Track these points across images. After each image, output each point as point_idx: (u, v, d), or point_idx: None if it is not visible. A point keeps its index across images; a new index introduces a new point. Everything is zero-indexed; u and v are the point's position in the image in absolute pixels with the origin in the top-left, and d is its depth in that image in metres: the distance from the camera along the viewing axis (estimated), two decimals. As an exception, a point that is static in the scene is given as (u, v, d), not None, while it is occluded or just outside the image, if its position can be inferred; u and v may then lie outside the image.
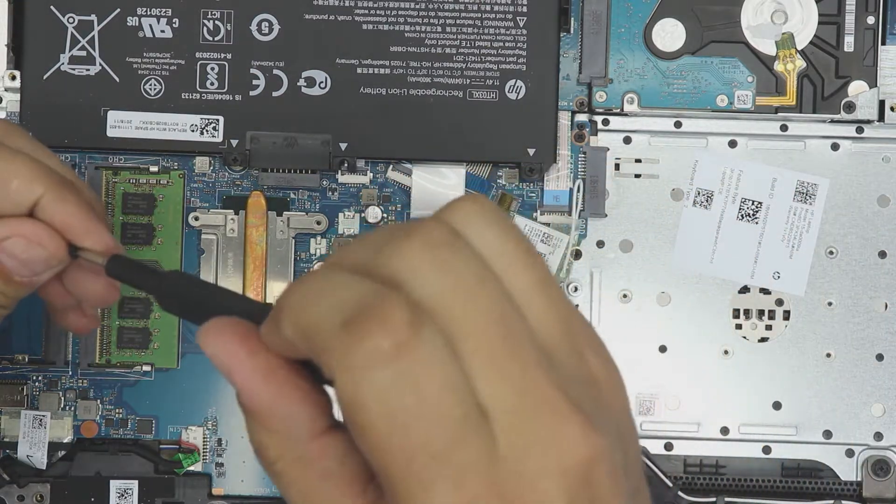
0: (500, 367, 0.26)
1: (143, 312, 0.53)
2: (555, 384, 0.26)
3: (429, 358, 0.25)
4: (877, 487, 0.53)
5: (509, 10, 0.52)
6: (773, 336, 0.54)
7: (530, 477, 0.26)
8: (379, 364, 0.25)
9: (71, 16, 0.52)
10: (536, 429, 0.26)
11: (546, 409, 0.26)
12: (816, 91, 0.54)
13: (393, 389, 0.25)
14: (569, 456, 0.26)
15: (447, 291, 0.26)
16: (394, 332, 0.25)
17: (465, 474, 0.25)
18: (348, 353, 0.25)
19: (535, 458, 0.26)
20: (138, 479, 0.53)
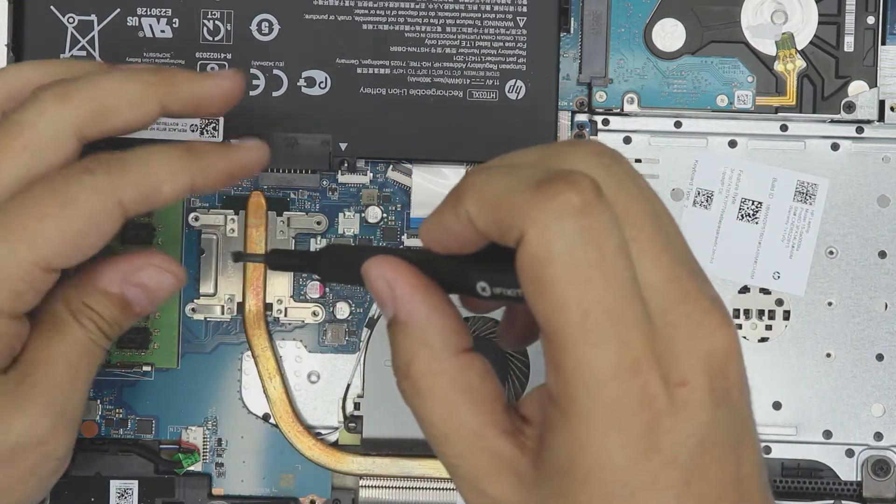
0: (656, 258, 0.29)
1: (143, 312, 0.53)
2: (697, 281, 0.29)
3: (609, 222, 0.28)
4: (877, 487, 0.53)
5: (509, 10, 0.52)
6: (773, 336, 0.54)
7: (680, 351, 0.28)
8: (570, 215, 0.27)
9: (71, 16, 0.52)
10: (686, 313, 0.28)
11: (692, 298, 0.29)
12: (816, 91, 0.54)
13: (580, 240, 0.27)
14: (711, 342, 0.28)
15: (615, 188, 0.29)
16: (583, 192, 0.28)
17: (630, 335, 0.28)
18: (541, 206, 0.28)
19: (683, 337, 0.28)
20: (138, 479, 0.53)
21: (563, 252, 0.27)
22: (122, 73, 0.41)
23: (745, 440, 0.29)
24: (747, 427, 0.29)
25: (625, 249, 0.28)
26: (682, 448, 0.28)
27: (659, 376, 0.28)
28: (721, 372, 0.28)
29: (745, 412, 0.29)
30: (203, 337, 0.54)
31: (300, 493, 0.53)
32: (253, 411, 0.53)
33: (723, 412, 0.28)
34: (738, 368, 0.29)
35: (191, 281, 0.53)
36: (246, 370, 0.53)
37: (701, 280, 0.30)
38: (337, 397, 0.53)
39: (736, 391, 0.29)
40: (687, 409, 0.28)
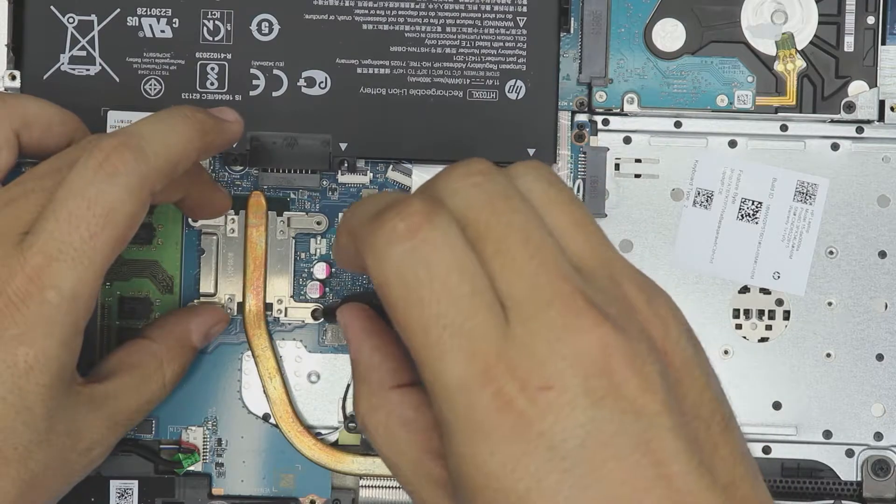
0: (517, 266, 0.29)
1: (143, 312, 0.53)
2: (572, 285, 0.29)
3: (439, 240, 0.29)
4: (877, 487, 0.53)
5: (509, 10, 0.52)
6: (773, 336, 0.54)
7: (543, 356, 0.28)
8: (395, 242, 0.29)
9: (71, 16, 0.52)
10: (548, 316, 0.28)
11: (558, 301, 0.29)
12: (816, 91, 0.54)
13: (407, 262, 0.29)
14: (581, 343, 0.28)
15: (476, 204, 0.30)
16: (408, 217, 0.29)
17: (476, 345, 0.28)
18: (373, 237, 0.30)
19: (547, 342, 0.28)
20: (138, 479, 0.53)
21: (394, 277, 0.29)
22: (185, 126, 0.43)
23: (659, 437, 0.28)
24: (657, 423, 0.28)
25: (466, 264, 0.29)
26: (563, 451, 0.27)
27: (514, 381, 0.28)
28: (600, 371, 0.28)
29: (651, 409, 0.28)
30: (203, 337, 0.54)
31: (300, 493, 0.53)
32: (253, 411, 0.53)
33: (609, 412, 0.28)
34: (629, 363, 0.28)
35: (191, 281, 0.53)
36: (246, 370, 0.53)
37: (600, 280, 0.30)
38: (337, 397, 0.53)
39: (631, 388, 0.28)
40: (555, 412, 0.27)
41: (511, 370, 0.28)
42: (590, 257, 0.31)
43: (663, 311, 0.31)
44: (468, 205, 0.30)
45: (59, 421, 0.41)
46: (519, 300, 0.29)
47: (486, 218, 0.30)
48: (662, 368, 0.29)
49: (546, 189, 0.31)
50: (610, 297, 0.30)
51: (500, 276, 0.29)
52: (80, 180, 0.39)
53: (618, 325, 0.29)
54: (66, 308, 0.39)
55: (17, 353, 0.39)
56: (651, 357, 0.29)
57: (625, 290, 0.30)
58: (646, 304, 0.30)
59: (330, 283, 0.53)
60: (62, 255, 0.38)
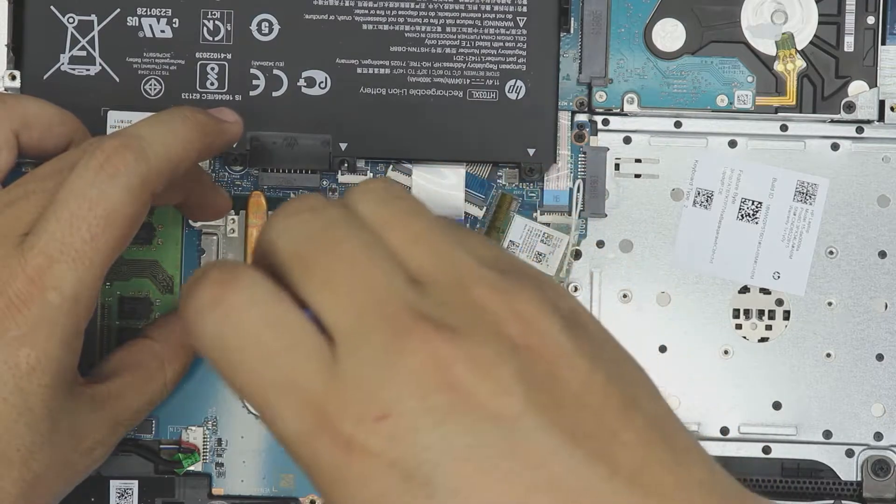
0: (341, 298, 0.28)
1: (143, 312, 0.53)
2: (398, 304, 0.27)
3: (244, 301, 0.28)
4: (877, 487, 0.53)
5: (509, 10, 0.52)
6: (773, 336, 0.54)
7: (372, 386, 0.26)
8: (202, 314, 0.29)
9: (71, 16, 0.52)
10: (374, 342, 0.27)
11: (383, 324, 0.27)
12: (816, 91, 0.54)
13: (216, 333, 0.28)
14: (409, 361, 0.26)
15: (303, 241, 0.29)
16: (209, 286, 0.29)
17: (303, 396, 0.27)
18: (184, 312, 0.29)
19: (374, 368, 0.27)
20: (138, 479, 0.53)
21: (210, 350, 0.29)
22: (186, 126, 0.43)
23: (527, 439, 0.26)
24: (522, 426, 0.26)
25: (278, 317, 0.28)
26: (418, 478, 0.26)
27: (348, 419, 0.26)
28: (440, 386, 0.26)
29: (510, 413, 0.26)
30: (203, 337, 0.54)
31: (300, 493, 0.53)
32: (253, 411, 0.53)
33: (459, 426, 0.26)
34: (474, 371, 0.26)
35: (191, 281, 0.53)
36: (246, 370, 0.53)
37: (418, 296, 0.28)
38: (337, 397, 0.53)
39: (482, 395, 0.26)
40: (399, 439, 0.26)
41: (343, 409, 0.26)
42: (432, 270, 0.29)
43: (523, 307, 0.28)
44: (294, 243, 0.29)
45: (61, 421, 0.41)
46: (344, 333, 0.27)
47: (312, 254, 0.29)
48: (521, 366, 0.27)
49: (378, 209, 0.30)
50: (452, 306, 0.28)
51: (324, 311, 0.28)
52: (81, 181, 0.39)
53: (456, 333, 0.27)
54: (68, 309, 0.39)
55: (19, 354, 0.39)
56: (502, 357, 0.27)
57: (474, 295, 0.28)
58: (501, 304, 0.28)
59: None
60: (63, 255, 0.39)
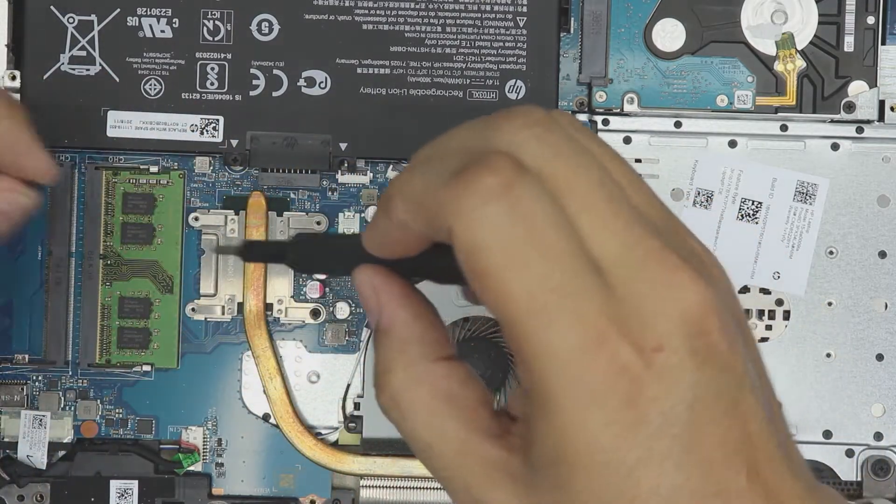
0: (607, 224, 0.27)
1: (143, 312, 0.53)
2: (661, 241, 0.27)
3: (535, 196, 0.26)
4: (877, 487, 0.53)
5: (509, 10, 0.52)
6: (773, 336, 0.54)
7: (649, 316, 0.26)
8: (490, 199, 0.26)
9: (71, 16, 0.52)
10: (650, 276, 0.27)
11: (655, 259, 0.27)
12: (816, 91, 0.54)
13: (506, 221, 0.26)
14: (683, 300, 0.27)
15: (550, 158, 0.27)
16: (501, 173, 0.26)
17: (585, 308, 0.26)
18: (461, 198, 0.27)
19: (651, 301, 0.27)
20: (138, 479, 0.53)
21: (490, 240, 0.26)
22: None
23: (744, 398, 0.27)
24: (744, 383, 0.27)
25: (561, 222, 0.27)
26: (673, 416, 0.26)
27: (629, 344, 0.26)
28: (700, 331, 0.27)
29: (739, 368, 0.27)
30: (203, 337, 0.54)
31: (300, 493, 0.53)
32: (253, 411, 0.53)
33: (709, 372, 0.27)
34: (721, 323, 0.27)
35: (191, 281, 0.53)
36: (246, 370, 0.53)
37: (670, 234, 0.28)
38: (337, 397, 0.53)
39: (723, 347, 0.27)
40: (669, 375, 0.26)
41: (624, 332, 0.26)
42: (654, 211, 0.29)
43: (721, 267, 0.29)
44: (541, 158, 0.27)
45: None
46: (613, 259, 0.27)
47: (563, 173, 0.27)
48: (737, 324, 0.28)
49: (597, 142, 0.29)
50: (687, 252, 0.28)
51: (589, 234, 0.27)
52: None
53: (702, 278, 0.27)
54: None
55: None
56: (730, 312, 0.28)
57: (692, 244, 0.29)
58: (710, 260, 0.29)
59: (330, 283, 0.53)
60: None
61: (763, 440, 0.27)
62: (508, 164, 0.27)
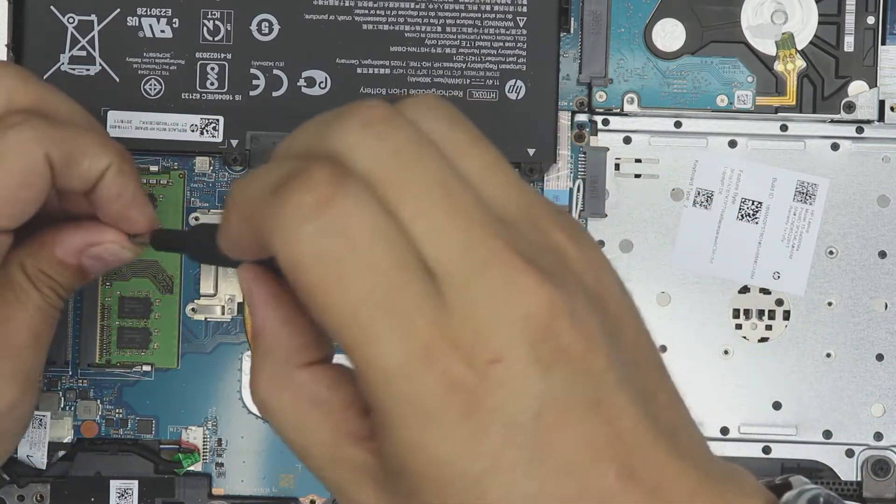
0: (442, 228, 0.26)
1: (142, 312, 0.53)
2: (505, 242, 0.26)
3: (354, 208, 0.25)
4: (877, 487, 0.53)
5: (509, 10, 0.52)
6: (773, 336, 0.54)
7: (484, 326, 0.25)
8: (305, 218, 0.25)
9: (71, 16, 0.52)
10: (486, 281, 0.25)
11: (495, 262, 0.26)
12: (816, 91, 0.54)
13: (322, 240, 0.25)
14: (525, 305, 0.25)
15: (384, 160, 0.26)
16: (316, 188, 0.25)
17: (412, 322, 0.25)
18: (277, 215, 0.25)
19: (487, 309, 0.25)
20: (138, 479, 0.53)
21: (308, 259, 0.25)
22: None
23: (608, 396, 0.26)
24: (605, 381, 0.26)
25: (387, 232, 0.25)
26: (517, 426, 0.25)
27: (460, 359, 0.25)
28: (546, 336, 0.25)
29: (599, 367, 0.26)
30: (203, 337, 0.54)
31: (300, 493, 0.53)
32: (253, 411, 0.53)
33: (560, 377, 0.25)
34: (573, 323, 0.26)
35: (191, 281, 0.53)
36: (246, 370, 0.53)
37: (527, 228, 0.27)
38: (337, 397, 0.53)
39: (577, 349, 0.26)
40: (510, 385, 0.25)
41: (454, 346, 0.25)
42: (511, 205, 0.27)
43: (593, 255, 0.28)
44: (375, 161, 0.26)
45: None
46: (450, 265, 0.25)
47: (398, 175, 0.26)
48: (602, 320, 0.27)
49: (449, 130, 0.28)
50: (540, 249, 0.27)
51: (424, 241, 0.25)
52: None
53: (556, 280, 0.26)
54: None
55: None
56: (590, 310, 0.26)
57: (554, 239, 0.27)
58: (577, 252, 0.27)
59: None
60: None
61: (638, 436, 0.26)
62: (327, 175, 0.25)
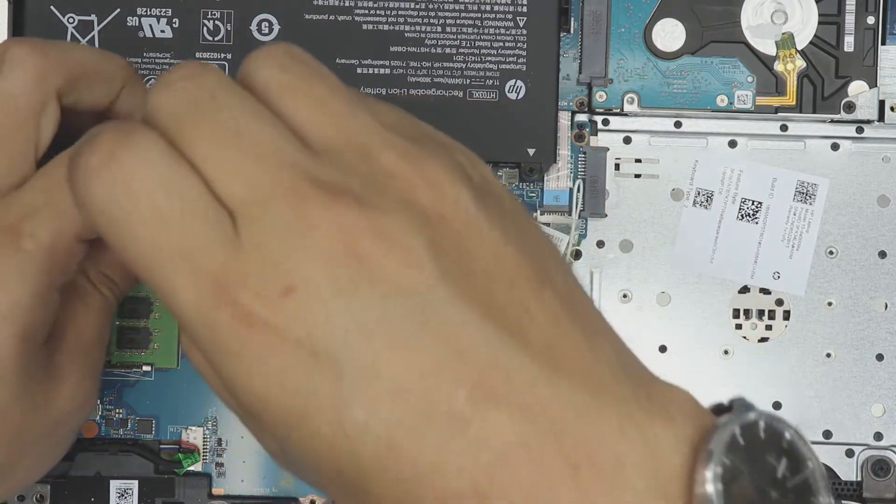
0: (231, 167, 0.27)
1: (143, 312, 0.53)
2: (294, 172, 0.26)
3: (137, 164, 0.27)
4: (877, 487, 0.53)
5: (509, 10, 0.52)
6: (773, 336, 0.54)
7: (275, 258, 0.26)
8: (91, 180, 0.27)
9: (71, 16, 0.52)
10: (274, 213, 0.26)
11: (281, 192, 0.26)
12: (816, 91, 0.54)
13: (109, 197, 0.27)
14: (316, 233, 0.25)
15: (179, 111, 0.27)
16: (98, 150, 0.27)
17: (201, 265, 0.26)
18: (71, 181, 0.27)
19: (277, 241, 0.26)
20: (138, 479, 0.53)
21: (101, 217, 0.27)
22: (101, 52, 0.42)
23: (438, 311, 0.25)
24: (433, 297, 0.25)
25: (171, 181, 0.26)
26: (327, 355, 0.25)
27: (251, 294, 0.25)
28: (347, 258, 0.25)
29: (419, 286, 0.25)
30: (203, 337, 0.54)
31: (300, 493, 0.53)
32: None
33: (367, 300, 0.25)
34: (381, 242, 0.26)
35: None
36: (246, 370, 0.53)
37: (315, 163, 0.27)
38: (337, 397, 0.53)
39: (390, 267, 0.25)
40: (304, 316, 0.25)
41: (243, 281, 0.25)
42: (335, 136, 0.28)
43: (434, 174, 0.28)
44: (173, 114, 0.27)
45: (34, 377, 0.39)
46: (240, 203, 0.26)
47: (193, 123, 0.27)
48: (432, 236, 0.26)
49: (278, 75, 0.29)
50: (357, 173, 0.27)
51: (215, 182, 0.27)
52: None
53: (362, 201, 0.26)
54: (42, 259, 0.38)
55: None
56: (412, 227, 0.26)
57: (380, 161, 0.27)
58: (410, 171, 0.27)
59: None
60: (44, 207, 0.38)
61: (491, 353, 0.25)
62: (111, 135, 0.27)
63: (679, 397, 0.28)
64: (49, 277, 0.39)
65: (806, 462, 0.27)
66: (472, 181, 0.28)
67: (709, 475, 0.26)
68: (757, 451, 0.26)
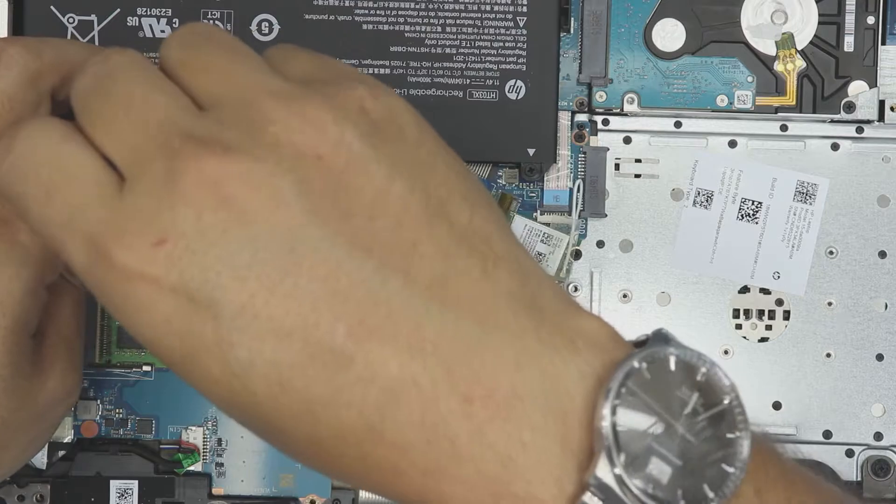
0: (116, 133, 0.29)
1: (143, 312, 0.53)
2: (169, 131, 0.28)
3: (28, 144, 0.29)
4: (877, 487, 0.53)
5: (509, 10, 0.52)
6: (773, 336, 0.54)
7: (149, 214, 0.27)
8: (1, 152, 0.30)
9: (71, 16, 0.52)
10: (150, 172, 0.27)
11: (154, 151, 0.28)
12: (816, 91, 0.54)
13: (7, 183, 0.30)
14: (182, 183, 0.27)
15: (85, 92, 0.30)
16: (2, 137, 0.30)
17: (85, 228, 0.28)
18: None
19: (150, 196, 0.27)
20: (138, 479, 0.53)
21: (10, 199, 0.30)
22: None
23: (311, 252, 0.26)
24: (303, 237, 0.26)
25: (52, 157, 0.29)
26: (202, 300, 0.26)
27: (124, 248, 0.27)
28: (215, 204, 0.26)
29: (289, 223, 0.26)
30: (203, 337, 0.54)
31: (300, 493, 0.53)
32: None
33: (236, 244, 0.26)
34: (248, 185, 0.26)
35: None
36: (246, 370, 0.53)
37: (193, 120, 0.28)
38: (337, 397, 0.53)
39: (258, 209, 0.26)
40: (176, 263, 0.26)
41: (119, 238, 0.27)
42: (221, 94, 0.29)
43: (314, 113, 0.28)
44: (81, 94, 0.30)
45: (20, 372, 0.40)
46: (125, 166, 0.28)
47: (91, 100, 0.30)
48: (303, 176, 0.26)
49: (177, 51, 0.31)
50: (230, 124, 0.28)
51: (105, 148, 0.29)
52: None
53: (230, 149, 0.27)
54: (36, 253, 0.39)
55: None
56: (279, 169, 0.27)
57: (260, 109, 0.28)
58: (288, 113, 0.28)
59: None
60: None
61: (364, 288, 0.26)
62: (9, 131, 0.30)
63: (593, 331, 0.27)
64: (41, 271, 0.39)
65: (721, 397, 0.27)
66: (369, 116, 0.28)
67: (605, 411, 0.25)
68: (664, 385, 0.26)
